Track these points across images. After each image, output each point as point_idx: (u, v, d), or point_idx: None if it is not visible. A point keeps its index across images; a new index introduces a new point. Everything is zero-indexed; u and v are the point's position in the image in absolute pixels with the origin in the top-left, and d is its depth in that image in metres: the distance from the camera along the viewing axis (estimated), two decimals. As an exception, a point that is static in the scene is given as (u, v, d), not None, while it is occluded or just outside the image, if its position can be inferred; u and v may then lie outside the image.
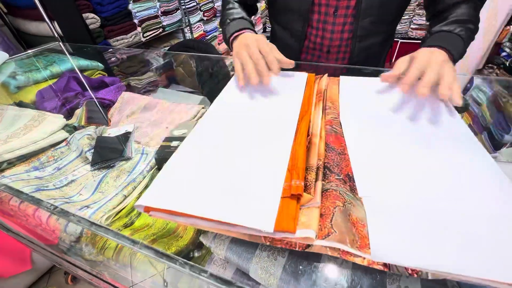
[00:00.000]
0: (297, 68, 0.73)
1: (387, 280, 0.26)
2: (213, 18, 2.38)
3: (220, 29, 2.44)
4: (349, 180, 0.31)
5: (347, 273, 0.26)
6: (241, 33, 0.58)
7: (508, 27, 1.75)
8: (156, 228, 0.43)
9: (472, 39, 0.52)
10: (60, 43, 1.05)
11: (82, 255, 0.48)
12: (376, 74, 0.63)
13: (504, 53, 1.79)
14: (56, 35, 1.13)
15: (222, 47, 2.50)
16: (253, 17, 0.79)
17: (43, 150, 0.57)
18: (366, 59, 0.66)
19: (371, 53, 0.65)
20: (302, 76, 0.54)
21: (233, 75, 0.58)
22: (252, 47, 0.49)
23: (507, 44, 1.77)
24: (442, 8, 0.56)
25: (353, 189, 0.30)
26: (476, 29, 0.53)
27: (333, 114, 0.41)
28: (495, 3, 1.82)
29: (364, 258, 0.23)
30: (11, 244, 1.02)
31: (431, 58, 0.41)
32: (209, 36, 2.39)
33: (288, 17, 0.66)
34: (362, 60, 0.66)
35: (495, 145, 0.92)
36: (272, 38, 0.77)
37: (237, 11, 0.65)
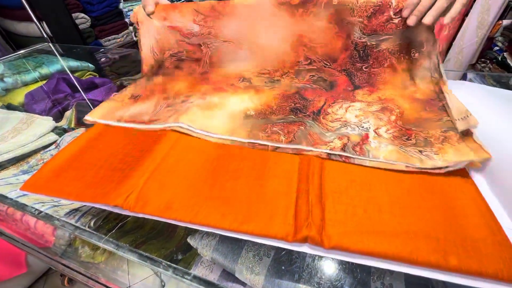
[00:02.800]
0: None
1: (371, 277, 0.26)
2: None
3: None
4: (313, 114, 0.42)
5: (331, 272, 0.26)
6: None
7: (500, 21, 1.76)
8: (146, 229, 0.43)
9: None
10: (50, 43, 1.04)
11: (76, 258, 0.48)
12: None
13: (496, 48, 1.79)
14: (45, 35, 1.11)
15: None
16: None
17: (32, 153, 0.57)
18: None
19: None
20: None
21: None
22: None
23: (499, 38, 1.78)
24: None
25: (314, 119, 0.41)
26: None
27: (313, 72, 0.49)
28: (488, -2, 1.82)
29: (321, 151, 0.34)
30: (5, 247, 1.01)
31: None
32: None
33: None
34: None
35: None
36: None
37: None
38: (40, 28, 1.10)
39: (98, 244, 0.26)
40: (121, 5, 1.55)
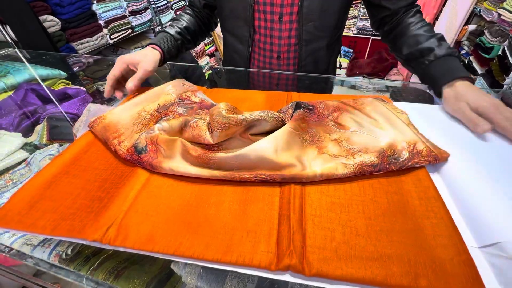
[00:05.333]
0: (246, 74, 0.74)
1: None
2: (186, 17, 2.30)
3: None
4: None
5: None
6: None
7: (466, 26, 1.88)
8: (127, 254, 0.41)
9: None
10: (16, 49, 0.97)
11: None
12: (325, 80, 0.70)
13: (463, 51, 1.92)
14: (9, 40, 1.03)
15: (196, 47, 2.44)
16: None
17: (-1, 174, 0.53)
18: (314, 63, 0.69)
19: (318, 57, 0.69)
20: None
21: (209, 73, 0.58)
22: (123, 61, 0.58)
23: (466, 42, 1.90)
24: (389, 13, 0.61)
25: None
26: None
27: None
28: (455, 3, 1.94)
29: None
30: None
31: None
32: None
33: (234, 24, 0.69)
34: (310, 64, 0.69)
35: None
36: (224, 45, 0.79)
37: (173, 23, 0.71)
38: (4, 32, 1.02)
39: (77, 283, 0.25)
40: (94, 7, 1.47)
